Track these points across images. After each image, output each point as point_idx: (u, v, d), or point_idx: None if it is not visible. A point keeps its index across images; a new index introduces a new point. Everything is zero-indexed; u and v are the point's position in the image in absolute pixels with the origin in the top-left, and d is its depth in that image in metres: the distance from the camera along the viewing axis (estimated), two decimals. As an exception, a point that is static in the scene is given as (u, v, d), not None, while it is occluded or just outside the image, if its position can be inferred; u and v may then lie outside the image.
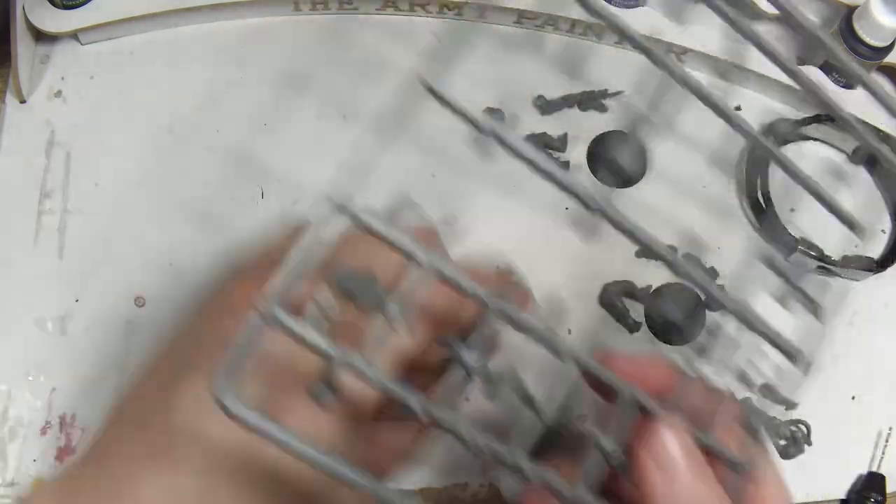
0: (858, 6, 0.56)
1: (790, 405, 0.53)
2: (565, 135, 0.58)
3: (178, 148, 0.56)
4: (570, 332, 0.53)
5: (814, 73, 0.59)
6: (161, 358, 0.32)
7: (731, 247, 0.57)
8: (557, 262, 0.55)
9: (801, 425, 0.52)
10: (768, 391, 0.53)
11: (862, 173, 0.60)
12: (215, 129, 0.57)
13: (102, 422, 0.32)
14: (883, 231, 0.58)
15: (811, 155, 0.60)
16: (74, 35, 0.58)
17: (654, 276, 0.55)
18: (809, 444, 0.52)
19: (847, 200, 0.58)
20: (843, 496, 0.52)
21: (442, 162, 0.57)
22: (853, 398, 0.54)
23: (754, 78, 0.60)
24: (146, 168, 0.56)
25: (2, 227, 0.53)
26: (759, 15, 0.62)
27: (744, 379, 0.48)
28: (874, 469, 0.52)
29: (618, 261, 0.55)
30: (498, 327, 0.27)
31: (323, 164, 0.58)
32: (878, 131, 0.57)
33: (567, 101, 0.59)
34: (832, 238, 0.57)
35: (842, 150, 0.60)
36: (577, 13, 0.59)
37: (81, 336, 0.50)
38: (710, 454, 0.28)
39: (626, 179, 0.58)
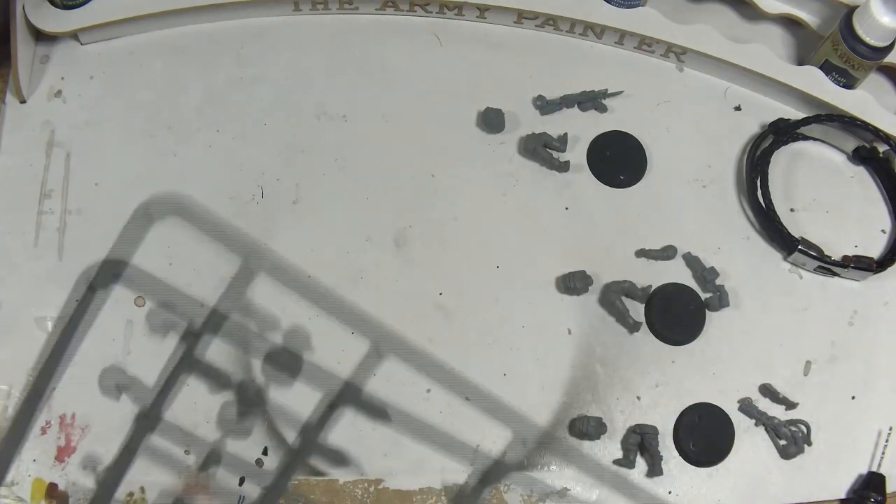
0: (858, 6, 0.56)
1: (790, 405, 0.53)
2: (565, 135, 0.58)
3: (178, 148, 0.56)
4: (569, 331, 0.53)
5: (814, 73, 0.59)
6: None
7: (731, 247, 0.57)
8: (556, 259, 0.55)
9: (801, 425, 0.52)
10: (768, 391, 0.53)
11: (862, 173, 0.60)
12: (215, 129, 0.57)
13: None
14: (883, 231, 0.58)
15: (811, 155, 0.60)
16: (74, 35, 0.58)
17: (654, 276, 0.55)
18: (809, 444, 0.52)
19: (847, 200, 0.59)
20: (843, 496, 0.52)
21: (443, 161, 0.57)
22: (853, 398, 0.54)
23: (754, 78, 0.60)
24: (146, 168, 0.56)
25: (2, 227, 0.53)
26: (759, 15, 0.62)
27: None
28: (874, 469, 0.52)
29: (618, 261, 0.55)
30: None
31: (323, 164, 0.58)
32: (878, 131, 0.57)
33: (567, 101, 0.59)
34: (832, 238, 0.57)
35: (842, 151, 0.60)
36: (577, 13, 0.59)
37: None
38: None
39: (626, 179, 0.58)
